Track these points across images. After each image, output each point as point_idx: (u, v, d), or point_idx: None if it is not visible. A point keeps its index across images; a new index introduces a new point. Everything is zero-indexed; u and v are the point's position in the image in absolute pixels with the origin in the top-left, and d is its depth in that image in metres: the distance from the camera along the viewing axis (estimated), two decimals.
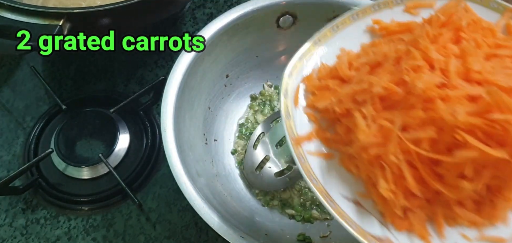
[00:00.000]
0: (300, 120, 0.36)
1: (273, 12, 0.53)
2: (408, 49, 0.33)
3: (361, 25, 0.39)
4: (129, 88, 0.61)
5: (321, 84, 0.37)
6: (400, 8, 0.39)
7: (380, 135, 0.32)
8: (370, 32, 0.39)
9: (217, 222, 0.39)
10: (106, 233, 0.50)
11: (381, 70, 0.34)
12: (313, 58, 0.38)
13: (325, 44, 0.38)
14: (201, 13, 0.67)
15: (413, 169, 0.31)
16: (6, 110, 0.60)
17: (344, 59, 0.37)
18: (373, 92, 0.33)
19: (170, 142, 0.43)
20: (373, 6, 0.39)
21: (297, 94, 0.37)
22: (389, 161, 0.31)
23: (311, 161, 0.34)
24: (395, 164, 0.31)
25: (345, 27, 0.39)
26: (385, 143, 0.31)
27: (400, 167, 0.31)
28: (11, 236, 0.50)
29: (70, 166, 0.53)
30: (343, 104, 0.35)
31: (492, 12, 0.39)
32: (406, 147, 0.31)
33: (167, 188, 0.53)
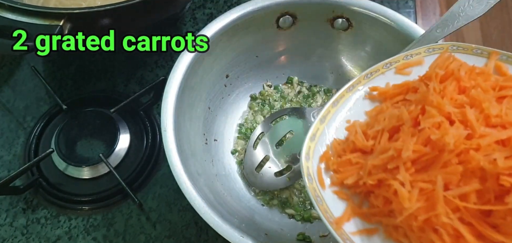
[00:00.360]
0: (331, 201, 0.35)
1: (272, 12, 0.53)
2: (424, 108, 0.34)
3: (359, 95, 0.40)
4: (130, 88, 0.61)
5: (342, 160, 0.37)
6: (391, 72, 0.40)
7: (424, 199, 0.31)
8: (370, 100, 0.40)
9: (217, 221, 0.39)
10: (106, 233, 0.50)
11: (401, 134, 0.34)
12: (323, 135, 0.38)
13: (331, 120, 0.39)
14: (201, 13, 0.67)
15: (467, 225, 0.31)
16: (6, 110, 0.60)
17: (357, 130, 0.37)
18: (404, 157, 0.32)
19: (170, 142, 0.43)
20: (366, 75, 0.40)
21: (321, 176, 0.36)
22: (441, 223, 0.30)
23: (356, 240, 0.33)
24: (449, 225, 0.30)
25: (344, 100, 0.40)
26: (432, 205, 0.31)
27: (455, 226, 0.30)
28: (11, 235, 0.50)
29: (71, 166, 0.53)
30: (373, 176, 0.34)
31: (476, 58, 0.39)
32: (455, 205, 0.30)
33: (168, 187, 0.53)
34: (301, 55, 0.57)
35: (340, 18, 0.53)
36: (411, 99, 0.37)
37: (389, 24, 0.50)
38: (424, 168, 0.33)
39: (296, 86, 0.57)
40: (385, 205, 0.34)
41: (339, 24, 0.53)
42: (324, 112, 0.38)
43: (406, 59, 0.40)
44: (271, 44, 0.56)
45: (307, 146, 0.36)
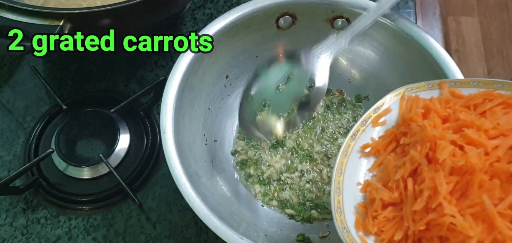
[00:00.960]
0: None
1: (272, 12, 0.53)
2: (435, 143, 0.35)
3: (354, 157, 0.41)
4: (130, 88, 0.61)
5: (380, 220, 0.37)
6: (369, 127, 0.42)
7: (480, 223, 0.32)
8: (365, 157, 0.41)
9: (216, 223, 0.39)
10: (106, 233, 0.50)
11: (424, 173, 0.35)
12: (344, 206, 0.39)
13: (343, 188, 0.40)
14: (201, 14, 0.67)
15: None
16: (6, 110, 0.60)
17: (377, 186, 0.38)
18: (443, 192, 0.33)
19: (169, 143, 0.43)
20: (351, 137, 0.41)
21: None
22: (508, 236, 0.31)
23: None
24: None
25: (345, 166, 0.40)
26: (491, 225, 0.32)
27: None
28: (11, 235, 0.51)
29: (71, 166, 0.53)
30: (419, 222, 0.34)
31: (430, 92, 0.41)
32: (510, 217, 0.31)
33: (167, 187, 0.53)
34: None
35: (340, 18, 0.53)
36: (407, 142, 0.38)
37: (388, 25, 0.50)
38: (463, 195, 0.33)
39: None
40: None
41: (339, 24, 0.53)
42: (335, 183, 0.39)
43: (376, 112, 0.42)
44: (271, 45, 0.56)
45: (338, 221, 0.36)
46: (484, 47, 1.48)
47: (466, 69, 1.41)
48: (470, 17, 1.53)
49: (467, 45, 1.48)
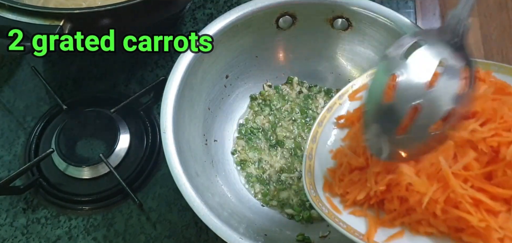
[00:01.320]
0: (352, 222, 0.36)
1: (272, 12, 0.53)
2: None
3: (328, 127, 0.44)
4: (130, 88, 0.61)
5: (345, 182, 0.38)
6: (346, 101, 0.44)
7: (436, 182, 0.33)
8: (339, 128, 0.44)
9: (216, 223, 0.40)
10: (106, 233, 0.50)
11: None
12: (315, 169, 0.41)
13: (315, 154, 0.42)
14: (201, 14, 0.67)
15: (480, 191, 0.32)
16: (6, 110, 0.60)
17: (346, 152, 0.40)
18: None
19: (169, 143, 0.44)
20: (328, 109, 0.44)
21: (332, 203, 0.38)
22: (460, 194, 0.32)
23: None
24: (466, 195, 0.32)
25: (319, 135, 0.43)
26: (445, 185, 0.33)
27: (471, 194, 0.32)
28: (12, 235, 0.51)
29: (71, 166, 0.53)
30: (381, 182, 0.35)
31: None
32: (463, 177, 0.33)
33: (168, 187, 0.53)
34: (301, 55, 0.57)
35: (340, 18, 0.53)
36: None
37: (388, 24, 0.50)
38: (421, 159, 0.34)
39: (296, 86, 0.57)
40: (401, 205, 0.35)
41: (339, 24, 0.53)
42: (308, 149, 0.41)
43: (354, 88, 0.44)
44: (271, 44, 0.56)
45: (307, 183, 0.38)
46: (483, 47, 1.48)
47: None
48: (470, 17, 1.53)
49: None
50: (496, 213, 0.32)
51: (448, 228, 0.34)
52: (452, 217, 0.33)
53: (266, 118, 0.55)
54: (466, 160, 0.33)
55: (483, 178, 0.33)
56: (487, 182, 0.33)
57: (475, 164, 0.33)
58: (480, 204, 0.32)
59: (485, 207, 0.32)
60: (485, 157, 0.33)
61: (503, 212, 0.32)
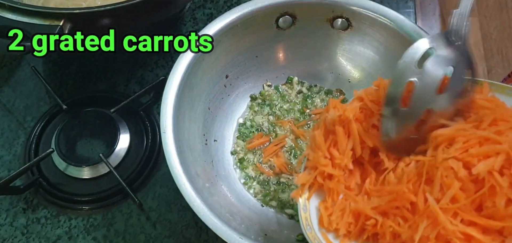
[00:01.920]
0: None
1: (272, 12, 0.53)
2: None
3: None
4: (130, 88, 0.61)
5: (335, 215, 0.39)
6: None
7: (425, 218, 0.34)
8: None
9: (216, 223, 0.40)
10: (106, 233, 0.50)
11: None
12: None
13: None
14: (201, 14, 0.67)
15: (471, 226, 0.33)
16: (7, 110, 0.60)
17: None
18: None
19: (169, 143, 0.44)
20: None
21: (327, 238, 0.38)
22: (450, 230, 0.32)
23: None
24: (456, 231, 0.32)
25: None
26: (435, 221, 0.33)
27: (461, 229, 0.32)
28: (12, 235, 0.51)
29: (71, 166, 0.53)
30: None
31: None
32: (452, 211, 0.33)
33: (167, 187, 0.53)
34: (301, 55, 0.57)
35: (339, 18, 0.53)
36: None
37: (388, 24, 0.50)
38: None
39: (296, 86, 0.57)
40: (395, 240, 0.36)
41: (339, 24, 0.53)
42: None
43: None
44: (271, 44, 0.56)
45: (303, 219, 0.38)
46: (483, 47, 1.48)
47: None
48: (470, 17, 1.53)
49: None
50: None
51: None
52: None
53: (266, 118, 0.55)
54: (452, 192, 0.33)
55: (472, 210, 0.33)
56: (477, 214, 0.33)
57: (462, 194, 0.33)
58: (471, 239, 0.32)
59: (477, 242, 0.32)
60: (471, 184, 0.33)
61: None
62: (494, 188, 0.32)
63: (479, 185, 0.33)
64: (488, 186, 0.32)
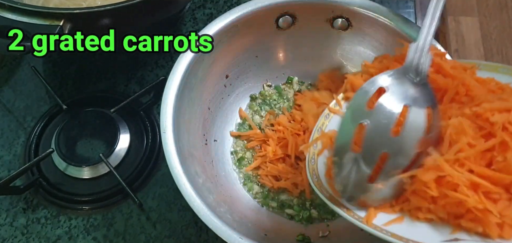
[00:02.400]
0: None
1: (272, 12, 0.53)
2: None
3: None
4: (130, 88, 0.61)
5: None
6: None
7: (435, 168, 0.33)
8: None
9: (216, 223, 0.40)
10: (106, 233, 0.50)
11: None
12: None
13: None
14: (201, 14, 0.67)
15: (479, 176, 0.32)
16: (6, 110, 0.60)
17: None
18: None
19: (169, 143, 0.44)
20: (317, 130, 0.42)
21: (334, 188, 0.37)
22: (457, 176, 0.32)
23: (390, 229, 0.34)
24: (464, 178, 0.32)
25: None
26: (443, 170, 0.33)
27: (470, 178, 0.32)
28: (12, 235, 0.51)
29: (71, 166, 0.53)
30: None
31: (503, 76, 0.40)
32: (459, 162, 0.33)
33: (168, 187, 0.53)
34: (301, 55, 0.57)
35: (339, 18, 0.53)
36: None
37: (388, 24, 0.50)
38: None
39: (296, 86, 0.57)
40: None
41: (339, 24, 0.53)
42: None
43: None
44: (271, 44, 0.56)
45: (310, 169, 0.38)
46: (483, 47, 1.48)
47: None
48: (470, 17, 1.53)
49: (467, 45, 1.48)
50: (495, 200, 0.32)
51: (447, 214, 0.33)
52: (450, 202, 0.32)
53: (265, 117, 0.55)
54: (459, 146, 0.32)
55: (482, 163, 0.33)
56: (487, 168, 0.33)
57: (468, 147, 0.33)
58: (478, 187, 0.32)
59: (484, 190, 0.32)
60: (481, 140, 0.33)
61: (503, 199, 0.32)
62: (506, 143, 0.32)
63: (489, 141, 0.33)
64: (499, 140, 0.32)
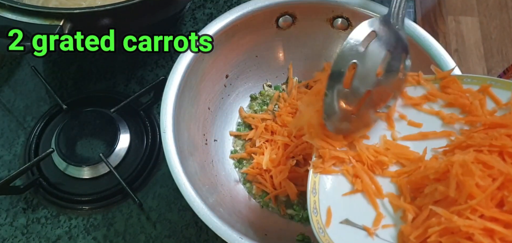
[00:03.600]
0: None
1: (272, 12, 0.53)
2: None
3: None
4: (130, 88, 0.61)
5: None
6: None
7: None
8: None
9: (216, 223, 0.39)
10: (106, 233, 0.50)
11: None
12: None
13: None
14: (201, 13, 0.67)
15: (492, 221, 0.32)
16: (6, 110, 0.60)
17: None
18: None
19: (169, 143, 0.44)
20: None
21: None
22: (472, 227, 0.32)
23: None
24: (476, 226, 0.32)
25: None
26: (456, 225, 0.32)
27: (484, 226, 0.32)
28: (12, 235, 0.51)
29: (71, 166, 0.53)
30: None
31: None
32: (470, 208, 0.32)
33: (168, 187, 0.53)
34: (301, 55, 0.57)
35: (339, 18, 0.53)
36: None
37: None
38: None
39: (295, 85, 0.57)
40: None
41: (339, 23, 0.53)
42: (311, 184, 0.39)
43: None
44: (271, 44, 0.56)
45: (315, 221, 0.37)
46: (483, 47, 1.48)
47: (465, 69, 1.41)
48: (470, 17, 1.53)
49: (467, 45, 1.48)
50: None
51: None
52: None
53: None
54: (468, 190, 0.32)
55: (492, 205, 0.32)
56: (499, 210, 0.32)
57: (479, 191, 0.32)
58: (493, 233, 0.31)
59: (500, 236, 0.31)
60: (488, 180, 0.33)
61: None
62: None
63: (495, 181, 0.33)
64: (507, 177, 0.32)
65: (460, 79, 0.41)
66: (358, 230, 0.36)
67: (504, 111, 0.39)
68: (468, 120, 0.39)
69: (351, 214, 0.37)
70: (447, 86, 0.41)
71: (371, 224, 0.36)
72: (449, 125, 0.40)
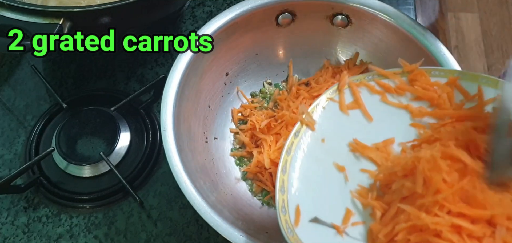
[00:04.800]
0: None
1: (272, 9, 0.53)
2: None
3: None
4: (130, 86, 0.61)
5: None
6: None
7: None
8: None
9: (217, 220, 0.40)
10: (107, 231, 0.51)
11: None
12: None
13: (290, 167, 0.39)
14: (201, 11, 0.67)
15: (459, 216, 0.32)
16: (7, 109, 0.60)
17: None
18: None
19: (170, 141, 0.44)
20: (294, 134, 0.39)
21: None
22: (440, 224, 0.31)
23: None
24: (444, 223, 0.31)
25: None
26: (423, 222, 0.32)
27: (452, 222, 0.31)
28: (13, 234, 0.51)
29: (71, 165, 0.53)
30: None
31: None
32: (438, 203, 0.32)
33: (168, 185, 0.53)
34: (301, 52, 0.57)
35: (339, 15, 0.53)
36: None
37: (388, 21, 0.50)
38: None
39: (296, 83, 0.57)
40: None
41: (339, 21, 0.53)
42: (279, 182, 0.37)
43: (318, 105, 0.41)
44: (271, 42, 0.56)
45: (283, 221, 0.35)
46: (484, 43, 1.48)
47: (466, 65, 1.41)
48: (470, 13, 1.53)
49: (467, 42, 1.48)
50: (480, 239, 0.31)
51: None
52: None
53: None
54: (436, 186, 0.32)
55: (460, 201, 0.32)
56: (466, 206, 0.32)
57: (446, 187, 0.32)
58: (461, 230, 0.31)
59: (467, 232, 0.31)
60: (455, 174, 0.33)
61: (487, 237, 0.31)
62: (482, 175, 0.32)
63: (462, 175, 0.32)
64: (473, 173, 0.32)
65: (428, 72, 0.41)
66: (328, 229, 0.35)
67: (472, 103, 0.39)
68: (436, 113, 0.39)
69: (320, 212, 0.35)
70: (415, 79, 0.41)
71: (340, 222, 0.35)
72: (418, 118, 0.40)
